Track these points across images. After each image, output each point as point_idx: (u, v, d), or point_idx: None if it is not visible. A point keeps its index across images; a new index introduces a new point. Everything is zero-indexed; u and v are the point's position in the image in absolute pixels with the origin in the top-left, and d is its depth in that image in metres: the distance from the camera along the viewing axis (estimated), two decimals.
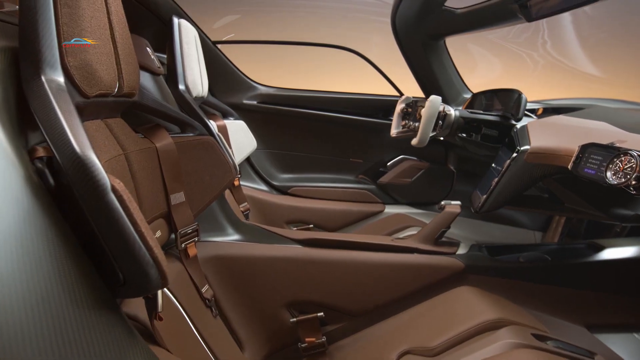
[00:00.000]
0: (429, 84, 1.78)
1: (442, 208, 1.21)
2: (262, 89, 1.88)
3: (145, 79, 0.98)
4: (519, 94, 1.34)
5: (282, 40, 1.94)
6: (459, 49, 1.77)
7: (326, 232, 1.27)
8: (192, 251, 0.93)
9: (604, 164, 0.81)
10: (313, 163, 1.95)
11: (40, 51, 0.53)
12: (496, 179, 1.09)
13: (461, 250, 1.20)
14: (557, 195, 1.17)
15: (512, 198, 1.10)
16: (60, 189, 0.50)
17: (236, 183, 1.65)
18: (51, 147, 0.48)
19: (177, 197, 0.91)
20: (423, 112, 1.36)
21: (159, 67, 1.05)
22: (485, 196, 1.12)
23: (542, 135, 1.09)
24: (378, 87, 1.92)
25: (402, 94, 1.93)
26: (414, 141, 1.41)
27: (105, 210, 0.46)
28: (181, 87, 1.23)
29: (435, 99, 1.34)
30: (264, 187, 1.86)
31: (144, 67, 0.98)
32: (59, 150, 0.47)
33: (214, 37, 1.72)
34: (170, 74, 1.24)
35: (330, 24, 2.22)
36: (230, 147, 1.62)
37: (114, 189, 0.47)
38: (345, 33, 2.15)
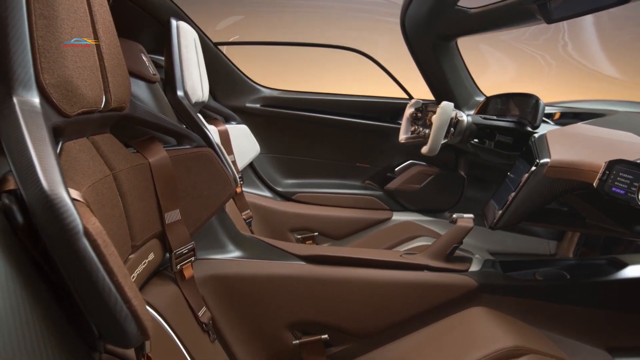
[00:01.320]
0: (439, 87, 1.70)
1: (454, 221, 1.14)
2: (266, 92, 1.82)
3: (139, 88, 0.92)
4: (537, 99, 1.26)
5: (286, 42, 1.87)
6: (469, 47, 1.69)
7: (331, 247, 1.22)
8: (188, 272, 0.88)
9: (636, 185, 0.74)
10: (318, 168, 1.89)
11: (12, 69, 0.47)
12: (513, 194, 1.02)
13: (474, 267, 1.13)
14: (577, 210, 1.09)
15: (530, 214, 1.03)
16: (30, 229, 0.44)
17: (238, 190, 1.59)
18: (17, 181, 0.42)
19: (172, 215, 0.85)
20: (434, 118, 1.29)
21: (154, 74, 0.99)
22: (501, 211, 1.05)
23: (563, 147, 1.02)
24: (386, 91, 1.85)
25: (411, 97, 1.86)
26: (424, 149, 1.34)
27: (76, 258, 0.40)
28: (179, 93, 1.18)
29: (447, 105, 1.27)
30: (267, 193, 1.81)
31: (137, 75, 0.92)
32: (25, 185, 0.41)
33: (216, 39, 1.66)
34: (168, 79, 1.18)
35: (336, 24, 2.15)
36: (232, 153, 1.56)
37: (87, 233, 0.41)
38: (352, 34, 2.08)
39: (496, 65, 2.20)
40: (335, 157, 1.89)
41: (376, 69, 1.79)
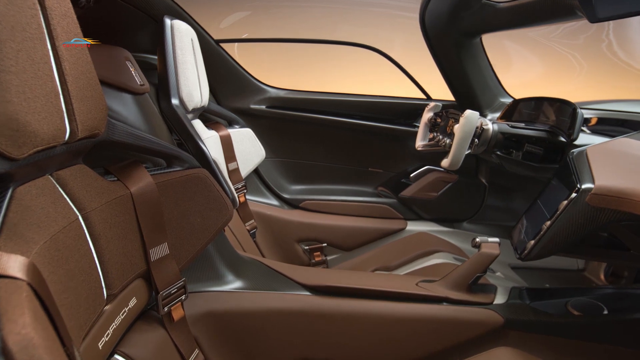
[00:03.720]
0: (460, 87, 1.56)
1: (477, 246, 1.02)
2: (272, 92, 1.69)
3: (123, 102, 0.82)
4: (574, 107, 1.12)
5: (293, 38, 1.73)
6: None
7: (340, 272, 1.11)
8: (177, 313, 0.78)
9: None
10: (327, 173, 1.77)
11: None
12: (548, 222, 0.89)
13: (499, 298, 1.02)
14: (619, 239, 0.96)
15: (567, 245, 0.90)
16: None
17: (242, 199, 1.49)
18: None
19: (159, 251, 0.75)
20: (457, 129, 1.15)
21: (142, 85, 0.88)
22: (533, 241, 0.92)
23: (608, 169, 0.88)
24: (403, 92, 1.71)
25: (429, 97, 1.72)
26: (445, 163, 1.21)
27: None
28: (174, 101, 1.07)
29: (471, 115, 1.14)
30: (273, 200, 1.70)
31: (120, 88, 0.81)
32: None
33: (219, 36, 1.53)
34: (162, 86, 1.07)
35: (349, 20, 1.99)
36: (235, 160, 1.46)
37: (5, 351, 0.30)
38: (366, 30, 1.93)
39: (520, 61, 2.03)
40: (345, 162, 1.76)
41: (387, 69, 1.65)
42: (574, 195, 0.85)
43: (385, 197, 1.75)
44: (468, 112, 1.14)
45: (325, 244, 1.64)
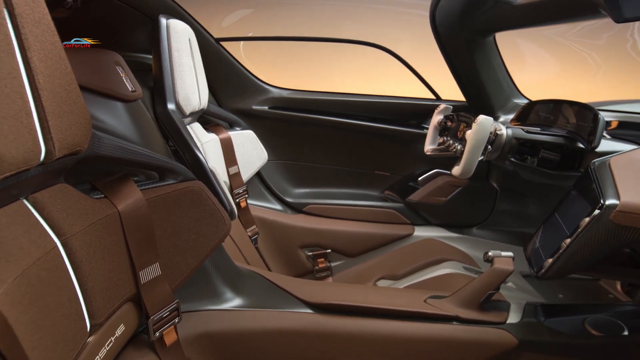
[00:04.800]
0: (472, 88, 1.49)
1: (490, 260, 0.96)
2: (275, 92, 1.63)
3: (112, 111, 0.76)
4: (596, 113, 1.05)
5: (298, 37, 1.66)
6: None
7: (344, 287, 1.06)
8: (170, 337, 0.73)
9: None
10: (331, 176, 1.71)
11: None
12: (568, 240, 0.83)
13: (512, 316, 0.96)
14: None
15: (587, 264, 0.84)
16: None
17: (243, 204, 1.44)
18: None
19: (150, 272, 0.70)
20: (469, 135, 1.09)
21: (133, 91, 0.83)
22: (551, 260, 0.86)
23: (634, 183, 0.82)
24: (411, 93, 1.64)
25: (438, 97, 1.65)
26: (456, 171, 1.15)
27: None
28: (170, 106, 1.01)
29: (485, 121, 1.07)
30: (275, 204, 1.65)
31: (109, 95, 0.76)
32: None
33: (220, 35, 1.47)
34: (157, 90, 1.02)
35: (353, 17, 1.92)
36: (237, 163, 1.41)
37: None
38: (373, 29, 1.85)
39: (533, 58, 1.95)
40: (350, 164, 1.70)
41: (397, 70, 1.58)
42: (597, 212, 0.79)
43: (391, 202, 1.69)
44: (481, 117, 1.07)
45: (329, 250, 1.59)
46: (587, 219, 0.80)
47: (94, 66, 0.76)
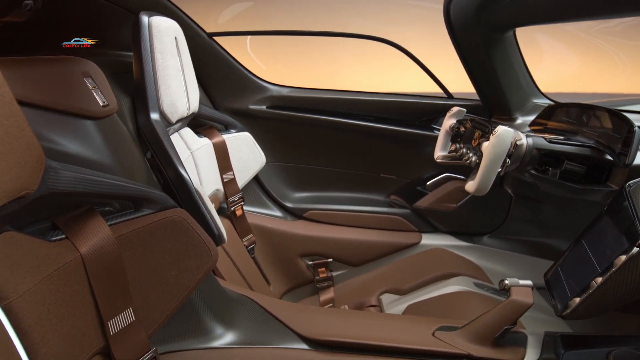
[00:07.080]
0: (487, 87, 1.36)
1: (507, 289, 0.87)
2: (273, 90, 1.51)
3: (78, 132, 0.66)
4: (632, 125, 0.93)
5: (297, 31, 1.53)
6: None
7: (345, 314, 0.98)
8: None
9: None
10: (334, 179, 1.61)
11: None
12: (600, 279, 0.73)
13: (530, 352, 0.87)
14: None
15: (620, 305, 0.74)
16: None
17: (238, 212, 1.35)
18: None
19: (122, 320, 0.62)
20: (486, 149, 0.97)
21: (105, 105, 0.72)
22: (578, 300, 0.76)
23: None
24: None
25: (450, 95, 1.52)
26: (471, 187, 1.05)
27: None
28: (154, 116, 0.91)
29: (505, 133, 0.96)
30: (274, 210, 1.55)
31: (74, 114, 0.66)
32: None
33: (213, 29, 1.35)
34: (139, 96, 0.92)
35: (360, 11, 1.78)
36: (232, 169, 1.31)
37: None
38: (379, 23, 1.71)
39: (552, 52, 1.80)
40: (354, 167, 1.59)
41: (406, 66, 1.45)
42: (635, 250, 0.69)
43: (397, 207, 1.59)
44: (501, 129, 0.96)
45: (330, 259, 1.50)
46: (623, 257, 0.70)
47: (57, 80, 0.66)
